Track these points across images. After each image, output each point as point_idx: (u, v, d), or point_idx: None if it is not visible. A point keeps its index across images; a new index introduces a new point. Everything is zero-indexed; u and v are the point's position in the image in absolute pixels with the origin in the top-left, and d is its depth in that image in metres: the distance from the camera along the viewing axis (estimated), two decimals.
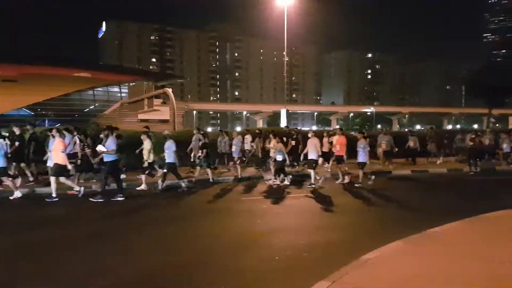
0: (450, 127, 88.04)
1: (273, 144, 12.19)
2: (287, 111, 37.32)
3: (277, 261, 5.27)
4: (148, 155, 11.02)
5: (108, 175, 9.78)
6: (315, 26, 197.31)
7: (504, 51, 39.17)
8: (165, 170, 10.91)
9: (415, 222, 7.10)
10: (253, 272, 4.91)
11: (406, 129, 34.19)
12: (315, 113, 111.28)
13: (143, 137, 11.21)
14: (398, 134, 19.52)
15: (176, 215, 8.32)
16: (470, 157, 15.58)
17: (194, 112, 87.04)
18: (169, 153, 10.84)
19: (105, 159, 9.76)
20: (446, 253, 5.30)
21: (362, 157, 12.01)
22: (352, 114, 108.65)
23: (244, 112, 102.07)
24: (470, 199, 10.16)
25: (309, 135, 12.49)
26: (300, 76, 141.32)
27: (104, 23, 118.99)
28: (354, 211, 8.69)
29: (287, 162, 12.64)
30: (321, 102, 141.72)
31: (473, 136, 15.94)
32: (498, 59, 37.32)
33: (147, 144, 11.08)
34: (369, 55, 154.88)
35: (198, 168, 12.86)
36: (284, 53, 43.04)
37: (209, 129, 48.62)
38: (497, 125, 77.48)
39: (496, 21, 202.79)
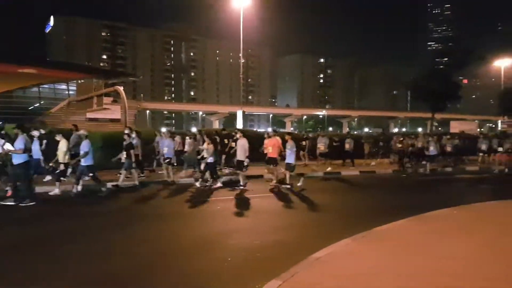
0: (396, 130, 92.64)
1: (205, 146, 11.76)
2: (243, 112, 37.39)
3: (229, 262, 5.27)
4: (63, 157, 10.08)
5: (16, 178, 8.87)
6: (270, 29, 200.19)
7: (446, 59, 42.03)
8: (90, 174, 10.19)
9: (361, 221, 7.40)
10: (207, 274, 4.86)
11: (346, 131, 35.64)
12: (271, 115, 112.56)
13: (58, 137, 10.28)
14: (339, 136, 20.49)
15: (115, 222, 7.86)
16: (400, 159, 16.49)
17: (147, 111, 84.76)
18: (85, 155, 10.00)
19: (13, 161, 8.79)
20: (392, 249, 5.58)
21: (289, 158, 11.86)
22: (305, 117, 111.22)
23: (200, 113, 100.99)
24: (408, 199, 10.77)
25: (237, 135, 12.27)
26: (256, 78, 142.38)
27: (52, 17, 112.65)
28: (302, 211, 8.85)
29: (219, 164, 12.44)
30: (276, 104, 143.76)
31: (401, 139, 16.92)
32: (441, 66, 40.01)
33: (62, 145, 10.17)
34: (321, 60, 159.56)
35: (124, 171, 11.52)
36: (240, 54, 43.14)
37: (164, 129, 47.22)
38: (439, 128, 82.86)
39: (439, 31, 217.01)
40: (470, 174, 17.16)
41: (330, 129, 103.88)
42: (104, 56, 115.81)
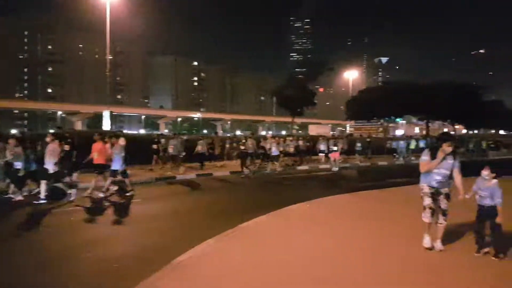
0: (264, 133, 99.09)
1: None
2: (111, 113, 35.12)
3: (88, 276, 4.95)
4: None
5: None
6: (142, 28, 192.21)
7: (304, 69, 47.17)
8: None
9: (223, 220, 7.69)
10: None
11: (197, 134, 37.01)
12: (143, 117, 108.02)
13: None
14: (191, 138, 20.96)
15: None
16: (242, 160, 16.87)
17: None
18: None
19: None
20: (256, 244, 5.96)
21: (115, 164, 10.69)
22: (180, 119, 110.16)
23: (59, 113, 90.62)
24: (264, 196, 11.71)
25: (47, 139, 10.46)
26: (126, 77, 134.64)
27: None
28: (161, 217, 8.70)
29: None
30: (149, 105, 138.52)
31: (244, 141, 17.83)
32: (300, 76, 44.63)
33: None
34: (195, 63, 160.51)
35: None
36: (107, 51, 40.32)
37: (14, 131, 41.33)
38: (300, 131, 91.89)
39: (300, 43, 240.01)
40: (309, 172, 18.61)
41: (205, 131, 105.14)
42: None
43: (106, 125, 37.08)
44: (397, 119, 64.59)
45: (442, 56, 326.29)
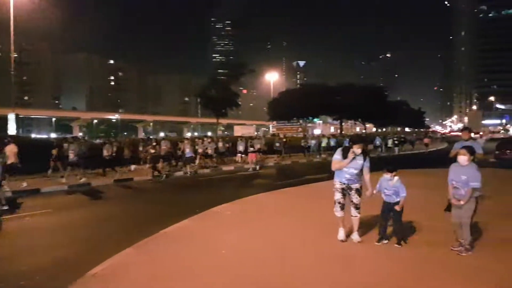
0: (189, 134, 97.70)
1: None
2: (17, 115, 31.86)
3: None
4: None
5: None
6: (52, 24, 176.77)
7: (226, 70, 46.97)
8: None
9: (144, 227, 7.42)
10: None
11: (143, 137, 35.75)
12: (54, 119, 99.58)
13: None
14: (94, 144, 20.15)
15: None
16: (153, 164, 16.19)
17: None
18: None
19: None
20: (176, 250, 5.84)
21: None
22: (96, 121, 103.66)
23: None
24: (183, 200, 11.44)
25: None
26: (34, 76, 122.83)
27: None
28: (74, 227, 8.15)
29: None
30: (60, 106, 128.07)
31: (154, 144, 17.26)
32: (222, 77, 44.41)
33: None
34: (111, 62, 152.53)
35: None
36: (11, 47, 36.39)
37: None
38: (226, 132, 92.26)
39: (222, 44, 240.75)
40: (228, 173, 18.48)
41: (125, 134, 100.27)
42: None
43: (12, 129, 33.51)
44: (315, 119, 68.08)
45: (353, 59, 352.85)
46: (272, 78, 62.66)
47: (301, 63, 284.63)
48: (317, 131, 72.49)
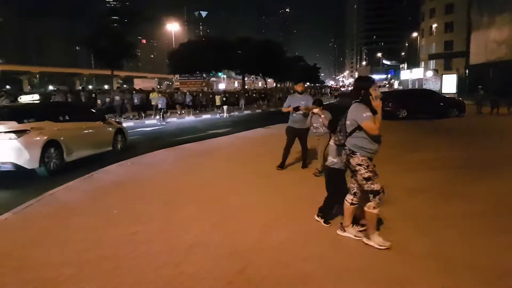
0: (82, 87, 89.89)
1: None
2: None
3: None
4: None
5: None
6: None
7: (119, 18, 42.08)
8: None
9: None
10: None
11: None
12: None
13: None
14: None
15: None
16: None
17: None
18: None
19: None
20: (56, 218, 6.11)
21: None
22: None
23: None
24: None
25: None
26: None
27: None
28: None
29: None
30: None
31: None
32: (115, 24, 39.53)
33: None
34: None
35: None
36: None
37: None
38: (125, 86, 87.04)
39: None
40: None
41: (8, 87, 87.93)
42: None
43: None
44: (219, 74, 67.71)
45: (254, 12, 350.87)
46: (173, 28, 59.68)
47: (203, 13, 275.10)
48: (221, 86, 72.51)
